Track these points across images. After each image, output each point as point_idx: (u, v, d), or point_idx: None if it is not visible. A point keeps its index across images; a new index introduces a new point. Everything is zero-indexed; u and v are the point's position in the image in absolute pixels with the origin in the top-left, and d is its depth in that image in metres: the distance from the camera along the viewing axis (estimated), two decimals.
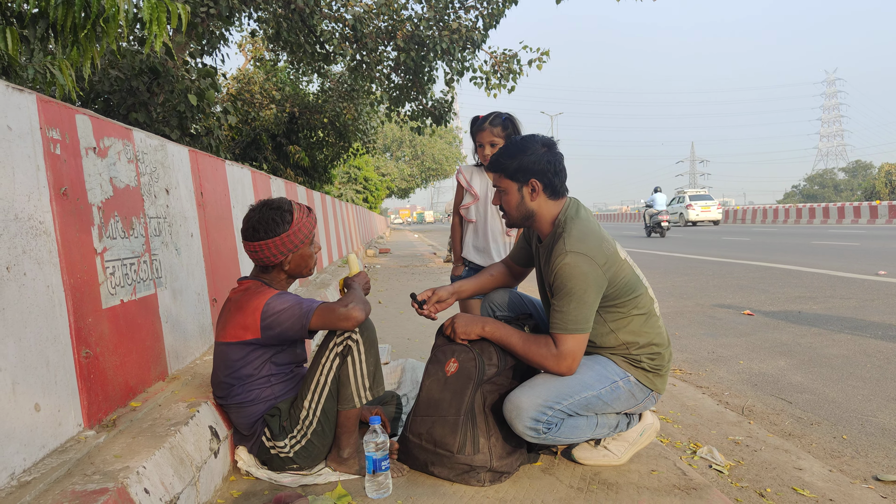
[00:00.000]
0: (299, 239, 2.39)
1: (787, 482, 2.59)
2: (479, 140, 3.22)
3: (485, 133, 3.18)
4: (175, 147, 3.17)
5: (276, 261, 2.37)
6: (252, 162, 13.90)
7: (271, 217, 2.34)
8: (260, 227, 2.34)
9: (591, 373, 2.38)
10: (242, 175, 4.61)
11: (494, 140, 3.16)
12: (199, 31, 8.66)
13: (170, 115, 7.41)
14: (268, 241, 2.33)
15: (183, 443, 2.08)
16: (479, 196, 3.31)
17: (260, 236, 2.33)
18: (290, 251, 2.37)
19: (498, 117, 3.17)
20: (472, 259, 3.40)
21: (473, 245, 3.39)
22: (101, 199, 2.26)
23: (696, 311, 6.64)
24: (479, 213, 3.34)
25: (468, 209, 3.36)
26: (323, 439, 2.34)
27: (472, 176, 3.35)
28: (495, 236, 3.34)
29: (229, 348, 2.31)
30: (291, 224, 2.36)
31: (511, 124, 3.18)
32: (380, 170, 44.63)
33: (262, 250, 2.34)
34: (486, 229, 3.33)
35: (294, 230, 2.36)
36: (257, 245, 2.34)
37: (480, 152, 3.24)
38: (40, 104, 1.95)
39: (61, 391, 1.88)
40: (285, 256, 2.37)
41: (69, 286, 1.98)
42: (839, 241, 16.24)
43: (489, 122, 3.17)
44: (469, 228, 3.40)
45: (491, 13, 11.06)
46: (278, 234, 2.33)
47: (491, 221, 3.32)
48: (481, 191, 3.31)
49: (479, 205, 3.34)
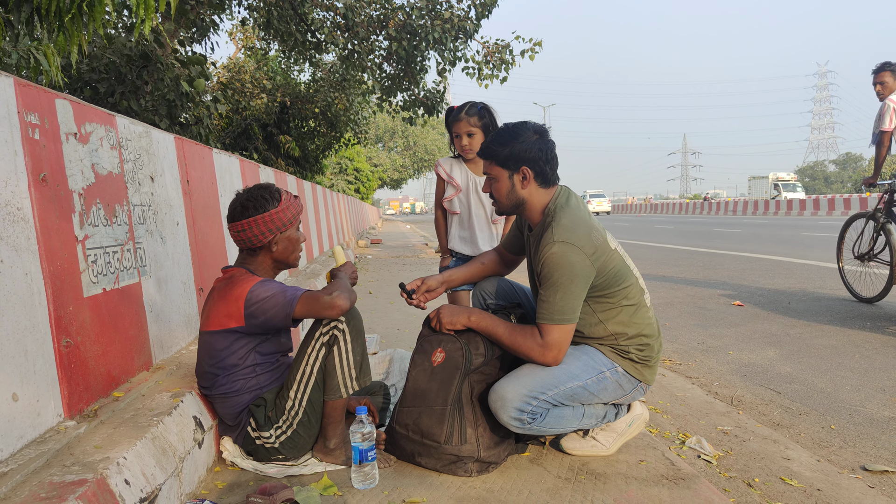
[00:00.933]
0: (287, 218, 2.37)
1: (776, 472, 2.59)
2: (455, 130, 3.19)
3: (461, 123, 3.14)
4: (160, 134, 3.13)
5: (264, 240, 2.34)
6: (242, 151, 13.81)
7: (260, 194, 2.33)
8: (249, 204, 2.32)
9: (577, 363, 2.36)
10: (230, 163, 4.56)
11: (471, 130, 3.13)
12: (190, 18, 8.58)
13: (159, 103, 7.34)
14: (256, 217, 2.31)
15: (166, 433, 2.05)
16: (461, 187, 3.29)
17: (249, 213, 2.31)
18: (277, 230, 2.35)
19: (473, 107, 3.14)
20: (459, 249, 3.38)
21: (459, 235, 3.37)
22: (83, 185, 2.22)
23: (687, 302, 6.65)
24: (462, 203, 3.32)
25: (451, 201, 3.33)
26: (309, 430, 2.31)
27: (452, 168, 3.33)
28: (480, 225, 3.32)
29: (213, 337, 2.28)
30: (280, 202, 2.35)
31: (487, 113, 3.15)
32: (372, 160, 44.48)
33: (251, 228, 2.32)
34: (470, 219, 3.31)
35: (282, 208, 2.35)
36: (245, 223, 2.32)
37: (457, 143, 3.21)
38: (18, 87, 1.91)
39: (40, 381, 1.85)
40: (273, 236, 2.35)
41: (48, 274, 1.94)
42: (829, 233, 16.31)
43: (465, 112, 3.14)
44: (454, 220, 3.38)
45: (483, 3, 10.99)
46: (267, 211, 2.31)
47: (475, 210, 3.30)
48: (462, 182, 3.29)
49: (461, 196, 3.31)
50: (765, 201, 36.25)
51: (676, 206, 48.02)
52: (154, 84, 7.23)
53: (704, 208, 42.97)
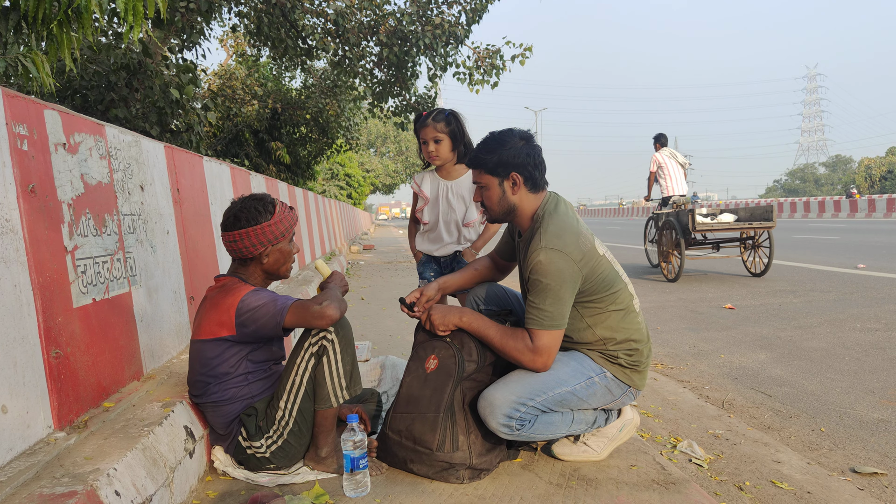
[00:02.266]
0: (279, 231, 2.36)
1: (766, 475, 2.60)
2: (422, 136, 3.17)
3: (427, 129, 3.13)
4: (150, 143, 3.12)
5: (255, 252, 2.35)
6: (234, 158, 13.79)
7: (253, 206, 2.33)
8: (242, 216, 2.32)
9: (566, 368, 2.37)
10: (221, 171, 4.56)
11: (437, 136, 3.11)
12: (179, 25, 8.56)
13: (149, 111, 7.32)
14: (248, 229, 2.31)
15: (156, 443, 2.05)
16: (430, 197, 3.30)
17: (241, 224, 2.31)
18: (269, 242, 2.34)
19: (441, 113, 3.14)
20: (425, 249, 3.40)
21: (428, 238, 3.38)
22: (72, 196, 2.22)
23: (678, 306, 6.67)
24: (431, 213, 3.33)
25: (422, 212, 3.34)
26: (300, 439, 2.31)
27: (423, 179, 3.34)
28: (449, 229, 3.31)
29: (205, 346, 2.28)
30: (273, 215, 2.35)
31: (454, 120, 3.14)
32: (364, 166, 44.45)
33: (242, 239, 2.32)
34: (437, 227, 3.31)
35: (275, 221, 2.35)
36: (237, 234, 2.32)
37: (424, 149, 3.19)
38: (6, 99, 1.91)
39: (30, 392, 1.85)
40: (264, 248, 2.35)
41: (38, 285, 1.94)
42: (820, 235, 16.41)
43: (432, 118, 3.13)
44: (424, 228, 3.40)
45: (474, 8, 11.02)
46: (259, 223, 2.31)
47: (444, 216, 3.29)
48: (431, 192, 3.31)
49: (430, 206, 3.33)
50: (755, 203, 36.39)
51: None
52: (144, 91, 7.22)
53: None
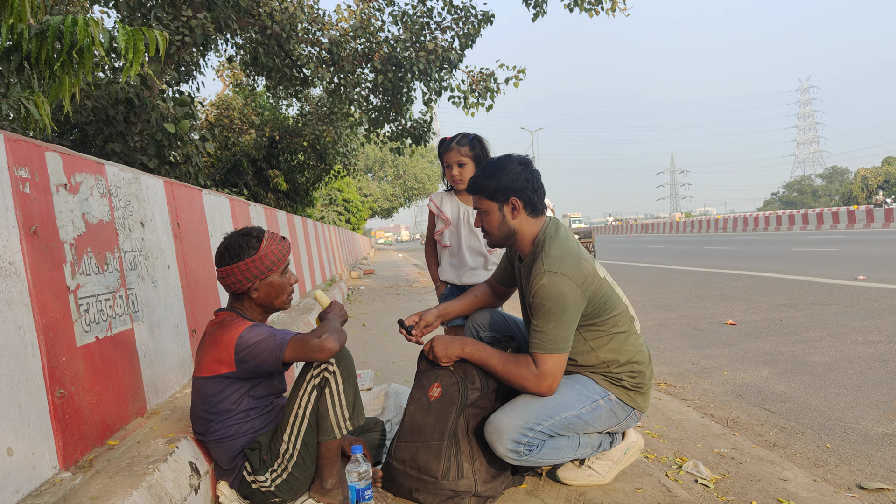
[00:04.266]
0: (265, 266, 2.36)
1: (773, 494, 2.60)
2: (446, 161, 3.20)
3: (452, 153, 3.15)
4: (150, 179, 3.15)
5: (243, 287, 2.36)
6: (232, 188, 13.85)
7: (237, 242, 2.34)
8: (226, 252, 2.34)
9: (571, 392, 2.38)
10: (220, 203, 4.59)
11: (462, 160, 3.14)
12: (175, 59, 8.66)
13: (147, 143, 7.38)
14: (232, 266, 2.33)
15: (162, 481, 2.05)
16: (451, 220, 3.29)
17: (225, 261, 2.34)
18: (255, 277, 2.35)
19: (465, 137, 3.16)
20: (451, 279, 3.35)
21: (450, 264, 3.35)
22: (74, 235, 2.24)
23: (680, 323, 6.67)
24: (453, 235, 3.32)
25: (442, 234, 3.34)
26: (304, 472, 2.31)
27: (443, 201, 3.34)
28: (473, 255, 3.29)
29: (206, 383, 2.29)
30: (258, 250, 2.34)
31: (479, 144, 3.16)
32: (362, 190, 44.62)
33: (228, 276, 2.34)
34: (461, 250, 3.29)
35: (260, 256, 2.34)
36: (223, 270, 2.35)
37: (448, 173, 3.21)
38: (7, 143, 1.94)
39: (35, 433, 1.85)
40: (251, 283, 2.36)
41: (41, 326, 1.95)
42: (819, 248, 16.43)
43: (456, 143, 3.15)
44: (444, 253, 3.37)
45: (467, 33, 11.16)
46: (242, 260, 2.32)
47: (466, 242, 3.28)
48: (452, 215, 3.30)
49: (452, 228, 3.31)
50: (753, 217, 36.47)
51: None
52: (141, 125, 7.28)
53: (685, 227, 43.72)
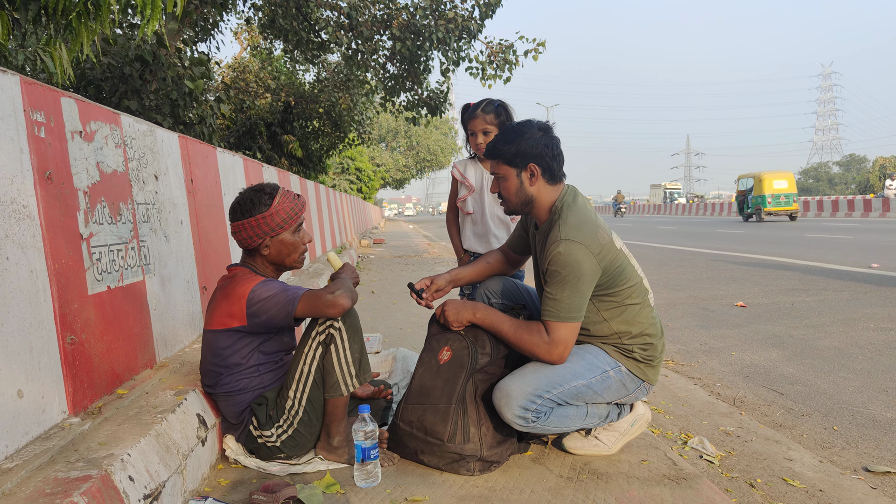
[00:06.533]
0: (276, 223, 2.34)
1: (778, 472, 2.59)
2: (470, 128, 3.14)
3: (477, 120, 3.09)
4: (164, 133, 3.13)
5: (254, 243, 2.35)
6: (246, 151, 13.83)
7: (250, 197, 2.34)
8: (238, 207, 2.34)
9: (581, 362, 2.37)
10: (234, 162, 4.57)
11: (487, 128, 3.07)
12: (193, 18, 8.59)
13: (162, 102, 7.35)
14: (244, 221, 2.32)
15: (169, 430, 2.06)
16: (475, 187, 3.24)
17: (237, 216, 2.34)
18: (266, 234, 2.34)
19: (490, 104, 3.09)
20: (475, 248, 3.30)
21: (473, 233, 3.31)
22: (88, 183, 2.23)
23: (690, 303, 6.64)
24: (476, 202, 3.28)
25: (465, 201, 3.29)
26: (310, 428, 2.32)
27: (466, 168, 3.29)
28: (496, 223, 3.26)
29: (217, 336, 2.29)
30: (269, 207, 2.33)
31: (504, 111, 3.09)
32: (374, 160, 44.48)
33: (239, 231, 2.35)
34: (484, 217, 3.25)
35: (272, 212, 2.33)
36: (235, 225, 2.35)
37: (472, 140, 3.15)
38: (24, 86, 1.92)
39: (45, 378, 1.86)
40: (262, 240, 2.35)
41: (53, 272, 1.95)
42: (833, 234, 16.28)
43: (481, 110, 3.08)
44: (467, 220, 3.32)
45: (487, 2, 10.98)
46: (253, 215, 2.31)
47: (489, 210, 3.24)
48: (476, 182, 3.25)
49: (475, 195, 3.27)
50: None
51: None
52: (157, 83, 7.25)
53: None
